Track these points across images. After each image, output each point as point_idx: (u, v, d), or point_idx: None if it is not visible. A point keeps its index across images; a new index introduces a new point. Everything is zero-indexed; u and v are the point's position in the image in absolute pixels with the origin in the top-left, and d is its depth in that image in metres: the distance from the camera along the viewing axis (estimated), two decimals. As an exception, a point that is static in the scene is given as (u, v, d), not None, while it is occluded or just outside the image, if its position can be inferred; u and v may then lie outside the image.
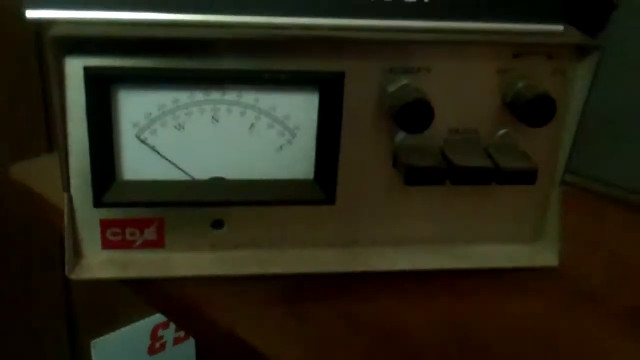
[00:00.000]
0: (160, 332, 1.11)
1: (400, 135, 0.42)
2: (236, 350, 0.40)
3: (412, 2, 0.39)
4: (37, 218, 0.56)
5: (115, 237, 0.42)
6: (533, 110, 0.41)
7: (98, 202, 0.40)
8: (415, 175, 0.41)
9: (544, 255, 0.46)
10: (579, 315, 0.43)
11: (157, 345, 1.12)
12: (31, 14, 0.36)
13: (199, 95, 0.40)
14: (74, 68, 0.38)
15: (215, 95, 0.40)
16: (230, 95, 0.40)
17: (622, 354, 0.41)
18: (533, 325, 0.42)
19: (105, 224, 0.42)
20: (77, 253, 0.42)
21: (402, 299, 0.43)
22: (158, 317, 1.10)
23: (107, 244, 0.42)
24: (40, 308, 1.05)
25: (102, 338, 1.05)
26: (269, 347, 0.39)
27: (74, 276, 0.41)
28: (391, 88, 0.40)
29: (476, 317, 0.42)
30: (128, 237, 0.42)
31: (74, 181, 0.40)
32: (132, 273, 0.42)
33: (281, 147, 0.42)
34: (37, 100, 0.91)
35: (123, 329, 1.07)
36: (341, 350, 0.39)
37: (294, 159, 0.42)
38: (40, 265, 1.02)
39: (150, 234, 0.43)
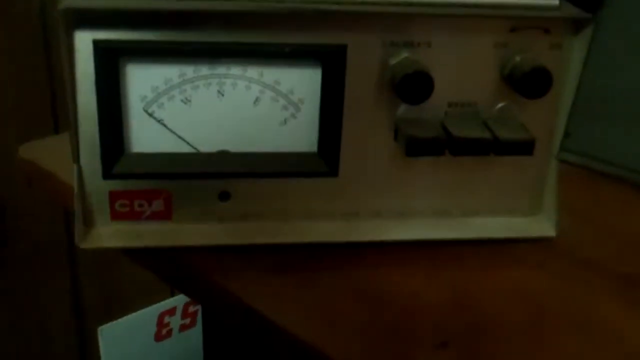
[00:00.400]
0: (166, 319, 1.12)
1: (402, 109, 0.43)
2: (242, 316, 0.41)
3: (412, -24, 0.41)
4: (45, 201, 0.57)
5: (123, 208, 0.43)
6: (530, 82, 0.42)
7: (107, 174, 0.42)
8: (416, 146, 0.42)
9: (541, 226, 0.47)
10: (575, 282, 0.44)
11: (164, 332, 1.13)
12: (42, -12, 0.37)
13: (204, 70, 0.41)
14: (84, 41, 0.39)
15: (220, 69, 0.41)
16: (235, 70, 0.41)
17: (616, 317, 0.42)
18: (531, 292, 0.43)
19: (114, 196, 0.43)
20: (87, 223, 0.43)
21: (403, 269, 0.44)
22: (164, 304, 1.11)
23: (116, 215, 0.44)
24: (48, 295, 1.06)
25: (109, 324, 1.06)
26: (274, 313, 0.40)
27: (83, 245, 0.42)
28: (392, 61, 0.42)
29: (475, 285, 0.43)
30: (136, 208, 0.44)
31: (83, 153, 0.42)
32: (141, 242, 0.43)
33: (285, 121, 0.43)
34: (44, 85, 0.93)
35: (130, 316, 1.08)
36: (344, 316, 0.40)
37: (298, 132, 0.43)
38: (47, 253, 1.03)
39: (158, 205, 0.44)
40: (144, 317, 1.10)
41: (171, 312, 1.12)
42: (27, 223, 0.99)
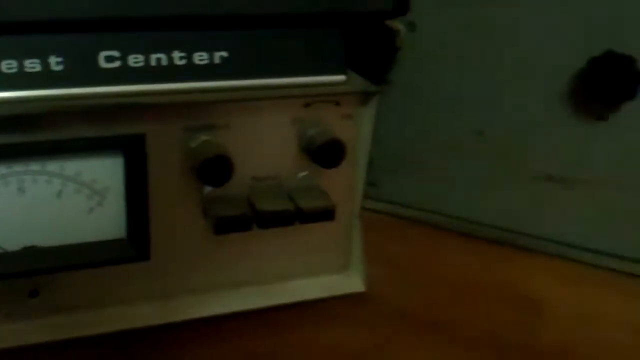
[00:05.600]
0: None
1: (208, 188, 0.44)
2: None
3: (204, 65, 0.42)
4: None
5: None
6: (325, 153, 0.45)
7: None
8: (224, 224, 0.43)
9: (351, 281, 0.50)
10: (387, 333, 0.47)
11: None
12: None
13: (2, 169, 0.40)
14: None
15: (18, 167, 0.40)
16: (35, 166, 0.41)
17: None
18: (346, 348, 0.46)
19: None
20: None
21: (219, 343, 0.45)
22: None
23: None
24: None
25: None
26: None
27: None
28: (192, 145, 0.43)
29: (292, 348, 0.45)
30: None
31: None
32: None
33: (91, 210, 0.43)
34: None
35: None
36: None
37: (106, 220, 0.43)
38: None
39: (-38, 310, 0.42)
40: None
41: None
42: None
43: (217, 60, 0.42)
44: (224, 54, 0.42)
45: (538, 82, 0.55)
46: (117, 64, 0.40)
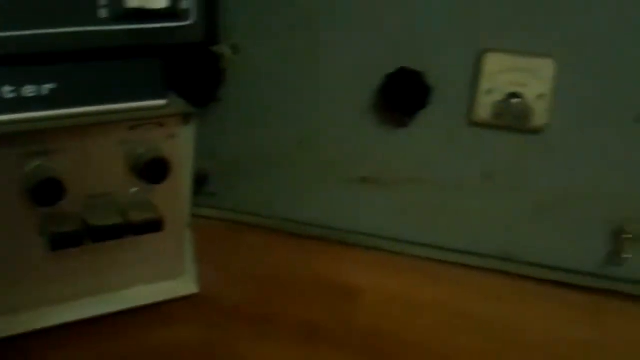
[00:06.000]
0: None
1: (45, 208, 0.48)
2: None
3: (33, 96, 0.46)
4: None
5: None
6: (151, 170, 0.50)
7: None
8: (59, 241, 0.48)
9: (185, 285, 0.56)
10: (219, 328, 0.53)
11: None
12: None
13: None
14: None
15: None
16: None
17: (255, 354, 0.51)
18: (183, 344, 0.51)
19: None
20: None
21: (65, 349, 0.50)
22: None
23: None
24: None
25: None
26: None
27: None
28: (27, 169, 0.47)
29: (136, 349, 0.50)
30: None
31: None
32: None
33: None
34: None
35: None
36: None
37: (-53, 244, 0.47)
38: None
39: None
40: None
41: None
42: None
43: (45, 92, 0.46)
44: (52, 85, 0.47)
45: (348, 96, 0.63)
46: (-50, 100, 0.44)
